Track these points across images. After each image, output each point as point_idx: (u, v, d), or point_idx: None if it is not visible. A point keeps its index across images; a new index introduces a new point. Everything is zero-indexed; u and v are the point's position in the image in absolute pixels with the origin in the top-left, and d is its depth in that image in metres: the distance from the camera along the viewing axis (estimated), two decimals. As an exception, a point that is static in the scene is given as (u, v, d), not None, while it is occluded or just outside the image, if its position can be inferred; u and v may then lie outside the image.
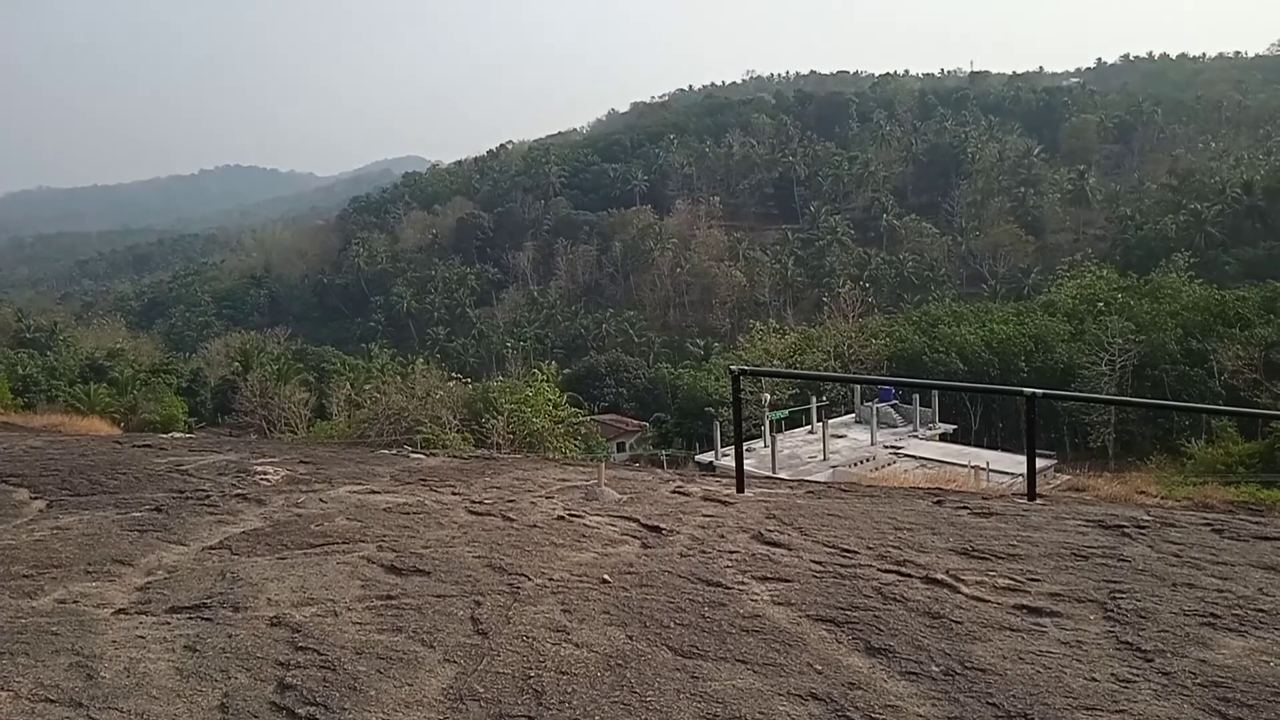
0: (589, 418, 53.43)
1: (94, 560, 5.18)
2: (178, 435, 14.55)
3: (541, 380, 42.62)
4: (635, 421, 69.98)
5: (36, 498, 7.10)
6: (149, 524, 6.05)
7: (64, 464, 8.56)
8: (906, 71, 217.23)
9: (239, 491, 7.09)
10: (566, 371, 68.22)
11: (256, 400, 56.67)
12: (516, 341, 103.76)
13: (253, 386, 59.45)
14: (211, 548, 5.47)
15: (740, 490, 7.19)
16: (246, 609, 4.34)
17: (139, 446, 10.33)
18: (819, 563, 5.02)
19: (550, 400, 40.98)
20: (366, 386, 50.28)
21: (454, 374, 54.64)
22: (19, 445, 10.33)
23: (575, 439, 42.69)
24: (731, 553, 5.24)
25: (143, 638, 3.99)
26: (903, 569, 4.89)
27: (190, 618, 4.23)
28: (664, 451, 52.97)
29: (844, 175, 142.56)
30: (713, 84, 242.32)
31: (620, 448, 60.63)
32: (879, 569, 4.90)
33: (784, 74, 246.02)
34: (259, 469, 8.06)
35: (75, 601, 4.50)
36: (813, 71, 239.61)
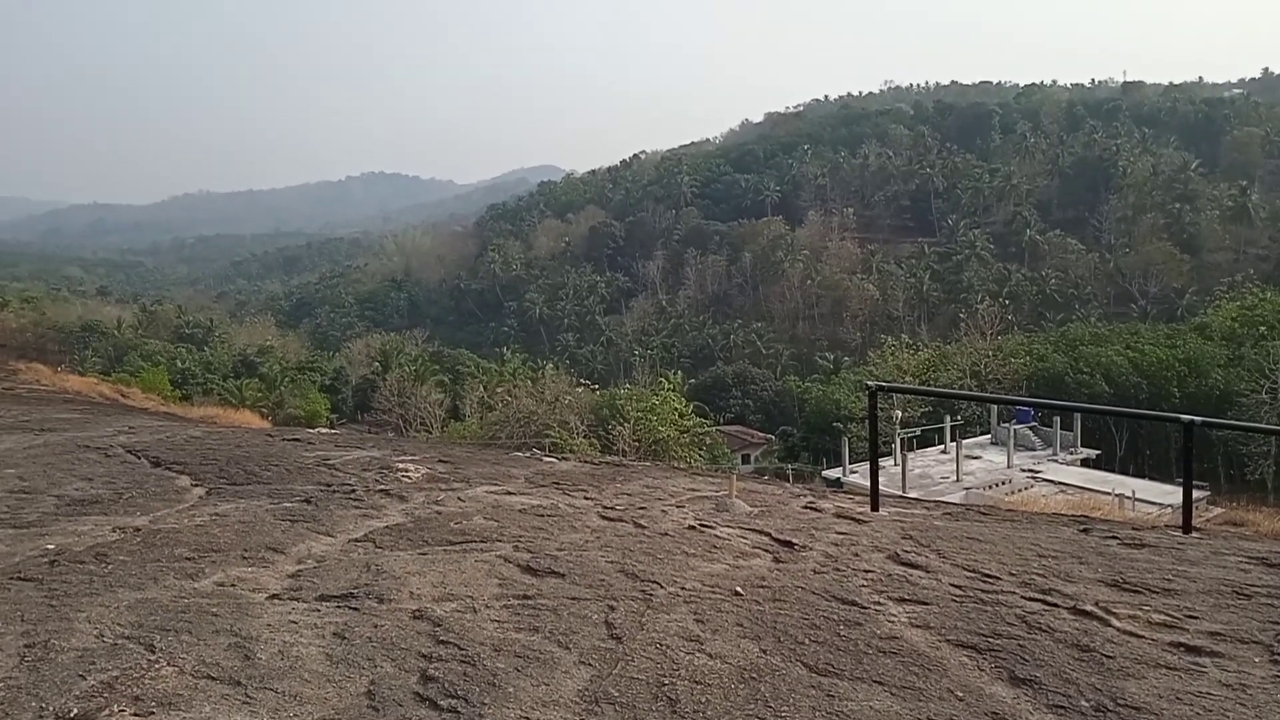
0: (714, 428, 53.32)
1: (249, 547, 5.44)
2: (324, 431, 15.20)
3: (668, 389, 42.81)
4: (761, 434, 69.47)
5: (197, 485, 7.50)
6: (299, 514, 6.33)
7: (221, 454, 9.01)
8: (1054, 81, 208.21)
9: (382, 487, 7.34)
10: (692, 381, 68.43)
11: (394, 399, 58.61)
12: (644, 350, 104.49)
13: (391, 386, 61.56)
14: (357, 540, 5.68)
15: (875, 509, 7.05)
16: (390, 601, 4.48)
17: (289, 440, 10.81)
18: (958, 587, 4.87)
19: (676, 409, 41.10)
20: (498, 389, 51.45)
21: (582, 380, 55.50)
22: (180, 435, 10.93)
23: (700, 449, 42.70)
24: (866, 572, 5.13)
25: (295, 623, 4.17)
26: (1048, 598, 4.70)
27: (338, 606, 4.41)
28: (790, 465, 52.42)
29: (984, 188, 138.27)
30: (849, 94, 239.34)
31: (745, 459, 60.29)
32: (1022, 596, 4.72)
33: (923, 84, 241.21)
34: (400, 466, 8.33)
35: (233, 585, 4.73)
36: (954, 82, 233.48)
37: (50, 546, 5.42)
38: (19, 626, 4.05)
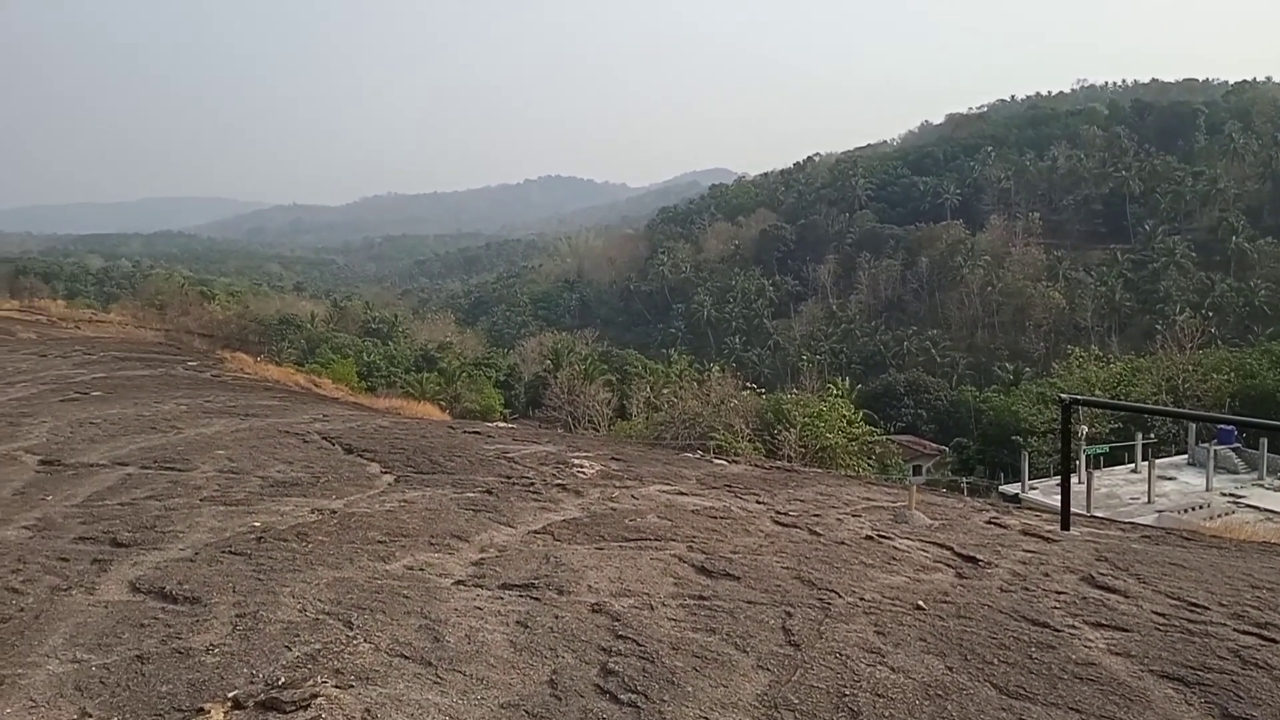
0: (884, 437, 51.94)
1: (436, 533, 5.65)
2: (501, 425, 15.69)
3: (836, 395, 41.94)
4: (934, 445, 67.34)
5: (386, 472, 7.83)
6: (481, 504, 6.53)
7: (407, 444, 9.39)
8: (1268, 79, 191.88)
9: (559, 482, 7.49)
10: (862, 388, 66.73)
11: (564, 397, 59.85)
12: (812, 355, 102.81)
13: (562, 383, 62.87)
14: (536, 532, 5.80)
15: (1065, 527, 6.69)
16: (569, 593, 4.56)
17: (469, 433, 11.17)
18: (1161, 614, 4.55)
19: (844, 416, 40.18)
20: (664, 390, 51.73)
21: (748, 383, 55.12)
22: (369, 424, 11.43)
23: (869, 458, 41.61)
24: (1058, 593, 4.87)
25: (480, 609, 4.30)
26: (1265, 632, 4.33)
27: (520, 595, 4.51)
28: (964, 479, 50.57)
29: (1186, 192, 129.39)
30: (1037, 94, 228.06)
31: (916, 470, 58.54)
32: (1234, 629, 4.37)
33: (1120, 82, 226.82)
34: (575, 462, 8.48)
35: (421, 569, 4.92)
36: (1154, 79, 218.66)
37: (257, 524, 5.80)
38: (231, 597, 4.35)
